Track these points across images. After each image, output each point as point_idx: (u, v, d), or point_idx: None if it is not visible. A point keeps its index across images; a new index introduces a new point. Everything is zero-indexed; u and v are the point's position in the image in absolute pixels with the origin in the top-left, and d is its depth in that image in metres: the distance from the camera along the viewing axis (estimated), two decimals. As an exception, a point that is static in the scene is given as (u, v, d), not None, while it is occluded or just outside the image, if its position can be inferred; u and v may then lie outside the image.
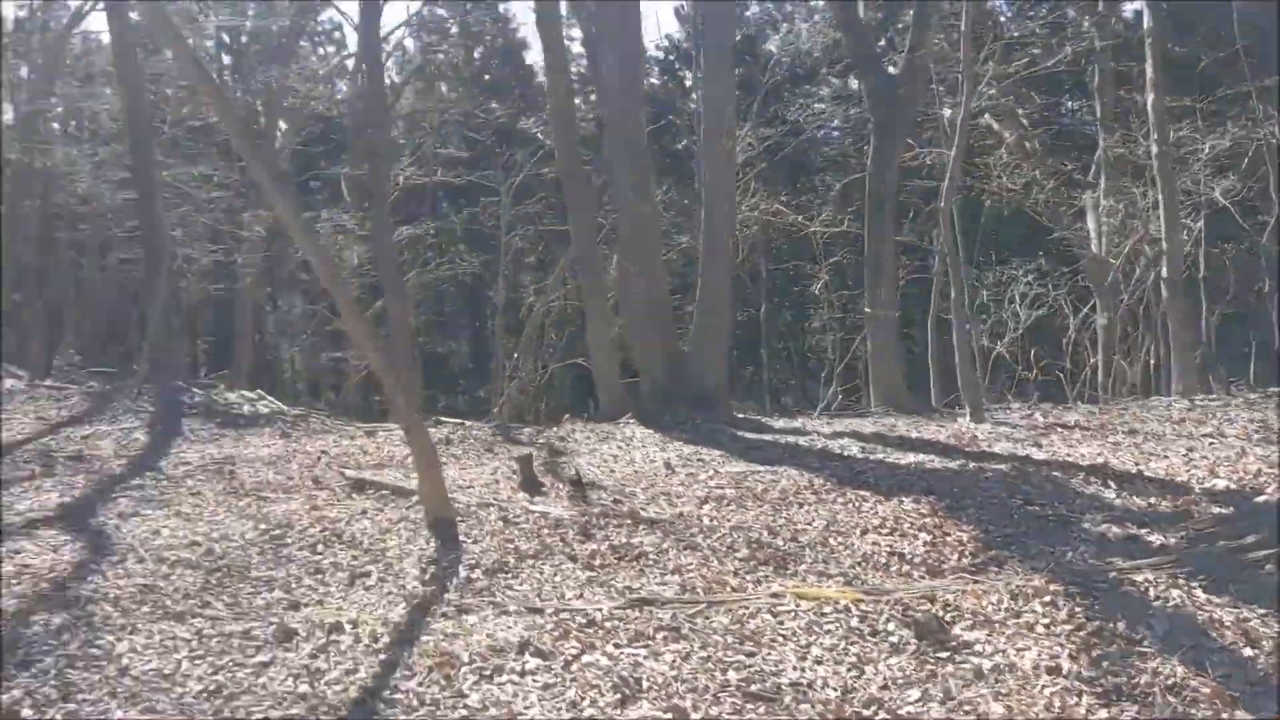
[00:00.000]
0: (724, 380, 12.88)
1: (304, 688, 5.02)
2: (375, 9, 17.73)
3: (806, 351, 32.23)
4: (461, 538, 7.26)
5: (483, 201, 23.52)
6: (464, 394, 30.82)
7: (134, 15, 16.11)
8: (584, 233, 13.35)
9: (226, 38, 28.80)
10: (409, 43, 29.44)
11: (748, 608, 5.78)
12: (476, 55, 30.46)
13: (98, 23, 37.56)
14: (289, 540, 7.30)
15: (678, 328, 13.86)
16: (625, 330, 13.40)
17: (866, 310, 15.81)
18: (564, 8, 20.90)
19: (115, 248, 23.89)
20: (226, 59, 29.80)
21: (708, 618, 5.72)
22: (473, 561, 6.76)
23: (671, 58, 30.49)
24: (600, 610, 5.78)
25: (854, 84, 28.80)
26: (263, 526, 7.59)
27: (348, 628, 5.68)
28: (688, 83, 31.44)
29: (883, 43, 22.93)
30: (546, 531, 7.35)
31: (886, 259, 15.68)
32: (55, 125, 25.76)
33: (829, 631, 5.50)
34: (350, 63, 28.56)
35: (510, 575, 6.52)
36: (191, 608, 6.07)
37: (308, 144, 27.28)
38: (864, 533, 7.24)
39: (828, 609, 5.74)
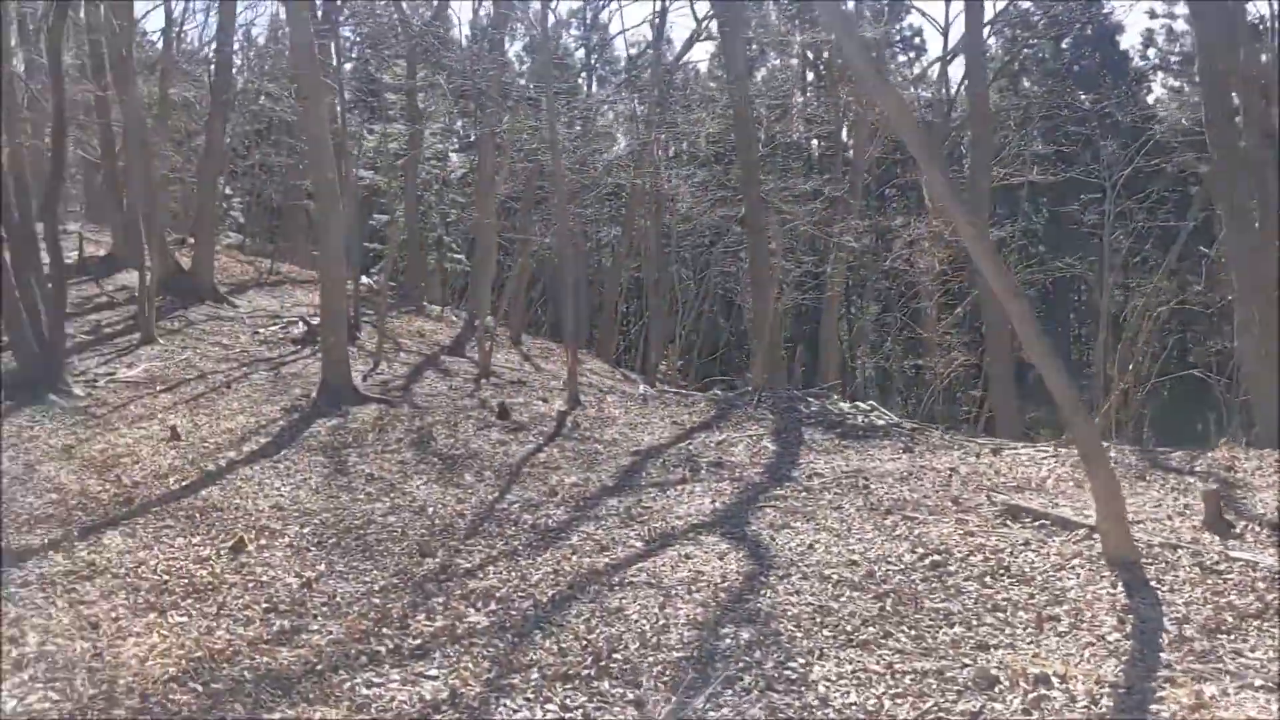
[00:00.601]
0: None
1: (1027, 749, 4.51)
2: (979, 7, 17.03)
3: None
4: (1152, 583, 6.34)
5: (1083, 198, 21.76)
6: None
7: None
8: (1240, 225, 11.53)
9: (810, 55, 29.88)
10: (991, 40, 28.29)
11: None
12: (1064, 45, 28.47)
13: (697, 53, 40.86)
14: (951, 568, 6.89)
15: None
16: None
17: None
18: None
19: (714, 262, 25.67)
20: (809, 76, 31.02)
21: None
22: (1178, 616, 5.82)
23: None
24: (1388, 702, 4.59)
25: None
26: (919, 550, 7.26)
27: (1055, 681, 5.10)
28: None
29: None
30: (1262, 585, 6.17)
31: None
32: (659, 152, 28.39)
33: None
34: (934, 69, 28.22)
35: (1235, 638, 5.50)
36: (874, 637, 5.85)
37: (885, 154, 27.25)
38: None
39: None
